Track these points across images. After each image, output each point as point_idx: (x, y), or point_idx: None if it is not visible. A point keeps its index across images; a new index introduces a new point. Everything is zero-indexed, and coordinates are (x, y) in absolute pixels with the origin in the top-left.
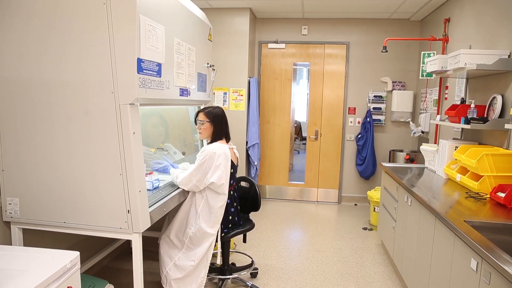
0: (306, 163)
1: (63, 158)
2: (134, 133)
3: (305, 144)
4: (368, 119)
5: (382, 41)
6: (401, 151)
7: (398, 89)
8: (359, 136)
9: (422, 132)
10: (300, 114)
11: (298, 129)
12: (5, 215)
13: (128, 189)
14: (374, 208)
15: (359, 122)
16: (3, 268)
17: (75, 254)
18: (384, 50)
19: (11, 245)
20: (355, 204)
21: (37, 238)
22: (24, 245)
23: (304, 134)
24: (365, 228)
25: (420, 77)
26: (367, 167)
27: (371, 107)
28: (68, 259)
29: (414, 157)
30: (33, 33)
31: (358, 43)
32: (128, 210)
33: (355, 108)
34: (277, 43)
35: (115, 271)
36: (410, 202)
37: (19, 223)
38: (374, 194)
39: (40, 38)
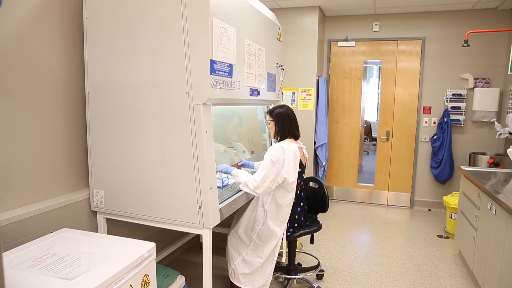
0: (376, 165)
1: (142, 154)
2: (206, 132)
3: (375, 145)
4: (445, 119)
5: (463, 34)
6: (484, 154)
7: (481, 86)
8: (434, 137)
9: (510, 133)
10: (370, 113)
11: (368, 129)
12: (93, 205)
13: (200, 186)
14: (451, 215)
15: (434, 123)
16: (92, 252)
17: (152, 245)
18: (465, 44)
19: (97, 232)
20: (429, 210)
21: (118, 227)
22: (107, 233)
23: (374, 135)
24: (440, 236)
25: (509, 72)
26: (443, 171)
27: (449, 106)
28: (145, 249)
29: (499, 161)
30: (117, 40)
31: (435, 38)
32: (200, 206)
33: (430, 108)
34: (347, 41)
35: (185, 263)
36: (495, 210)
37: (103, 213)
38: (451, 199)
39: (124, 45)
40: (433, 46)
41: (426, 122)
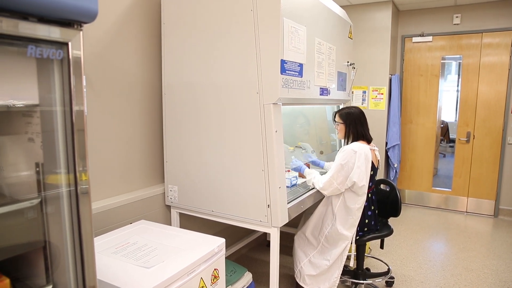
0: (454, 168)
1: (213, 153)
2: (276, 131)
3: (452, 147)
4: None
5: None
6: None
7: None
8: None
9: None
10: (447, 113)
11: (444, 130)
12: (167, 200)
13: (269, 185)
14: None
15: None
16: (166, 244)
17: (222, 241)
18: None
19: (170, 225)
20: None
21: (189, 221)
22: (179, 226)
23: (452, 136)
24: None
25: None
26: None
27: None
28: (215, 244)
29: None
30: (191, 43)
31: None
32: (268, 205)
33: None
34: (423, 36)
35: (252, 261)
36: None
37: (177, 207)
38: None
39: (198, 48)
40: None
41: None
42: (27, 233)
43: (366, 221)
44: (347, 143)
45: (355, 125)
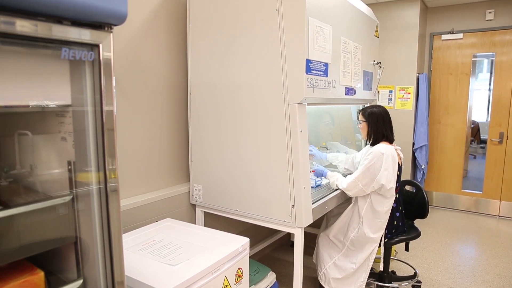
0: (485, 170)
1: (238, 152)
2: (301, 131)
3: (483, 148)
4: None
5: None
6: None
7: None
8: None
9: None
10: (478, 113)
11: (475, 130)
12: (192, 199)
13: (294, 185)
14: None
15: None
16: (191, 242)
17: (246, 240)
18: None
19: (195, 223)
20: None
21: (214, 220)
22: (204, 225)
23: (483, 136)
24: None
25: None
26: None
27: None
28: (239, 244)
29: None
30: (217, 44)
31: None
32: (293, 205)
33: None
34: (452, 33)
35: (275, 261)
36: None
37: (201, 206)
38: None
39: (223, 48)
40: None
41: None
42: (59, 228)
43: (395, 222)
44: (369, 142)
45: (376, 124)
